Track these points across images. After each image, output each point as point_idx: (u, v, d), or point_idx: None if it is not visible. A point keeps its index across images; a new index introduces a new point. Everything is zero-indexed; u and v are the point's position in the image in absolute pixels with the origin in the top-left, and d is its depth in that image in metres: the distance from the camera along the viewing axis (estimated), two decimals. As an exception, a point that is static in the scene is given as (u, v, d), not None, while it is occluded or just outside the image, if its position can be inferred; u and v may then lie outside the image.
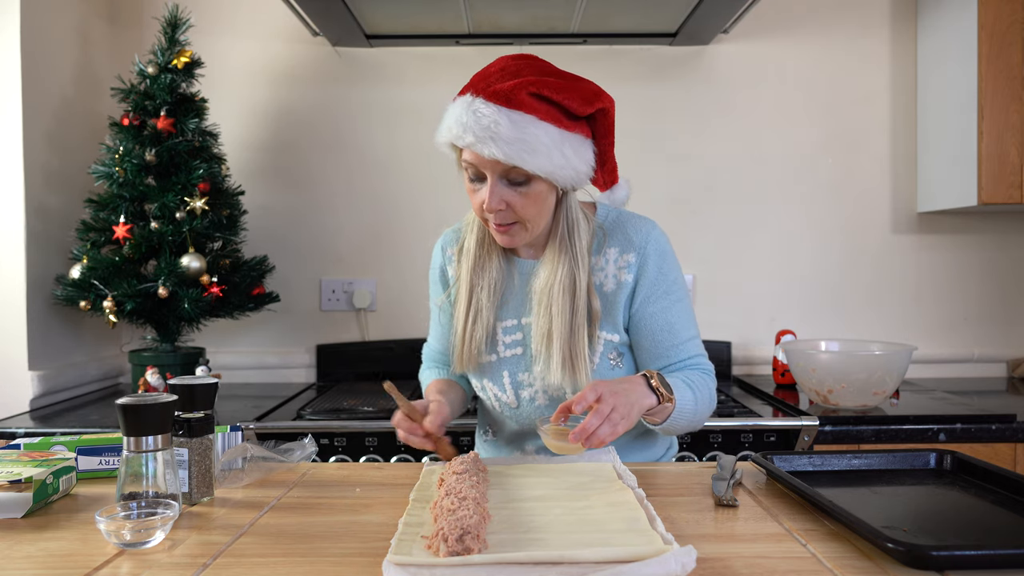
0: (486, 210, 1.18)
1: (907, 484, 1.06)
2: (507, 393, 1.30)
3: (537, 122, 1.13)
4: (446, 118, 1.18)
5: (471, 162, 1.16)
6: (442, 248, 1.39)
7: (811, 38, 2.43)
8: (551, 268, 1.23)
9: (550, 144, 1.13)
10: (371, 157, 2.43)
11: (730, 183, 2.44)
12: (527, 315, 1.28)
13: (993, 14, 2.08)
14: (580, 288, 1.22)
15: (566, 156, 1.15)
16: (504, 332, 1.29)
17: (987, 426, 1.79)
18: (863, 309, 2.46)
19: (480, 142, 1.11)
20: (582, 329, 1.22)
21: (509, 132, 1.11)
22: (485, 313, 1.27)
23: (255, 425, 1.75)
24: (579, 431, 1.03)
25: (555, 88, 1.14)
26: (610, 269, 1.26)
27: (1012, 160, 2.09)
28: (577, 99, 1.15)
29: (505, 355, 1.29)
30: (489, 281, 1.28)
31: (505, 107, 1.12)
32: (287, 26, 2.38)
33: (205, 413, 1.03)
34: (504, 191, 1.16)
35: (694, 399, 1.20)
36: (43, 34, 2.03)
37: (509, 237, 1.21)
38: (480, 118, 1.12)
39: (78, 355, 2.19)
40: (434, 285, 1.40)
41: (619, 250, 1.26)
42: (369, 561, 0.79)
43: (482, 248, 1.29)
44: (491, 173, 1.15)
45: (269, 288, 2.27)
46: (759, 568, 0.77)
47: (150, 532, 0.83)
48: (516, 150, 1.11)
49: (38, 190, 2.01)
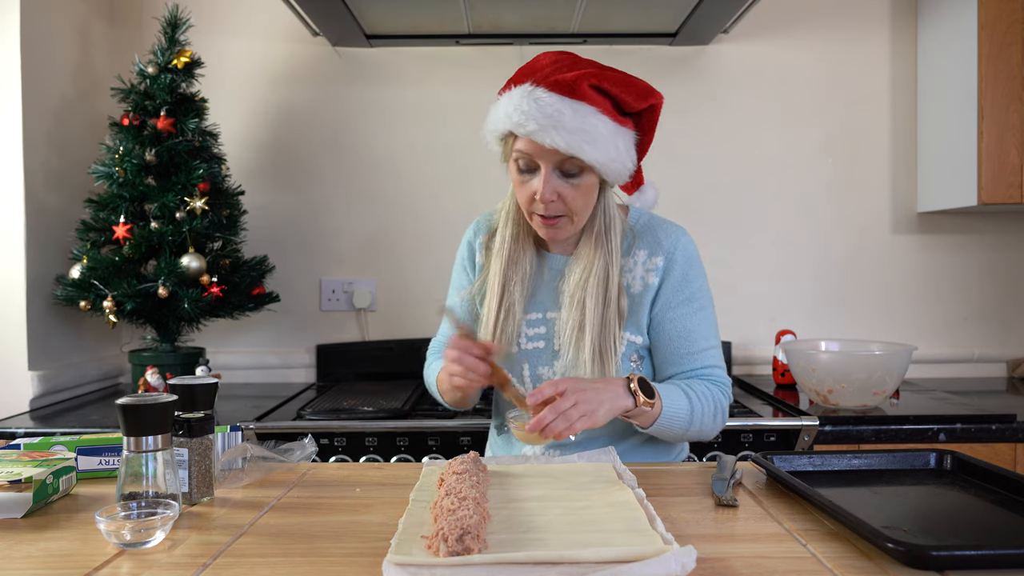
0: (541, 200, 1.17)
1: (907, 484, 1.06)
2: (525, 386, 1.30)
3: (597, 113, 1.14)
4: (499, 107, 1.18)
5: (526, 152, 1.16)
6: (475, 232, 1.39)
7: (811, 38, 2.43)
8: (586, 263, 1.24)
9: (607, 136, 1.15)
10: (371, 157, 2.43)
11: (730, 183, 2.44)
12: (552, 309, 1.28)
13: (993, 14, 2.08)
14: (612, 284, 1.23)
15: (619, 150, 1.17)
16: (528, 325, 1.30)
17: (987, 426, 1.79)
18: (863, 309, 2.46)
19: (543, 130, 1.11)
20: (613, 324, 1.22)
21: (572, 121, 1.12)
22: (517, 307, 1.27)
23: (255, 425, 1.75)
24: (534, 423, 1.06)
25: (613, 81, 1.16)
26: (638, 271, 1.27)
27: (1012, 160, 2.09)
28: (633, 94, 1.17)
29: (527, 347, 1.30)
30: (522, 276, 1.28)
31: (568, 97, 1.13)
32: (287, 26, 2.38)
33: (205, 413, 1.03)
34: (557, 182, 1.17)
35: (689, 408, 1.19)
36: (43, 34, 2.03)
37: (555, 230, 1.21)
38: (543, 106, 1.12)
39: (78, 355, 2.19)
40: (461, 271, 1.40)
41: (648, 252, 1.27)
42: (369, 561, 0.79)
43: (516, 242, 1.29)
44: (546, 163, 1.15)
45: (269, 288, 2.27)
46: (759, 568, 0.77)
47: (150, 532, 0.83)
48: (577, 140, 1.12)
49: (38, 190, 2.01)
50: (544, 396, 1.08)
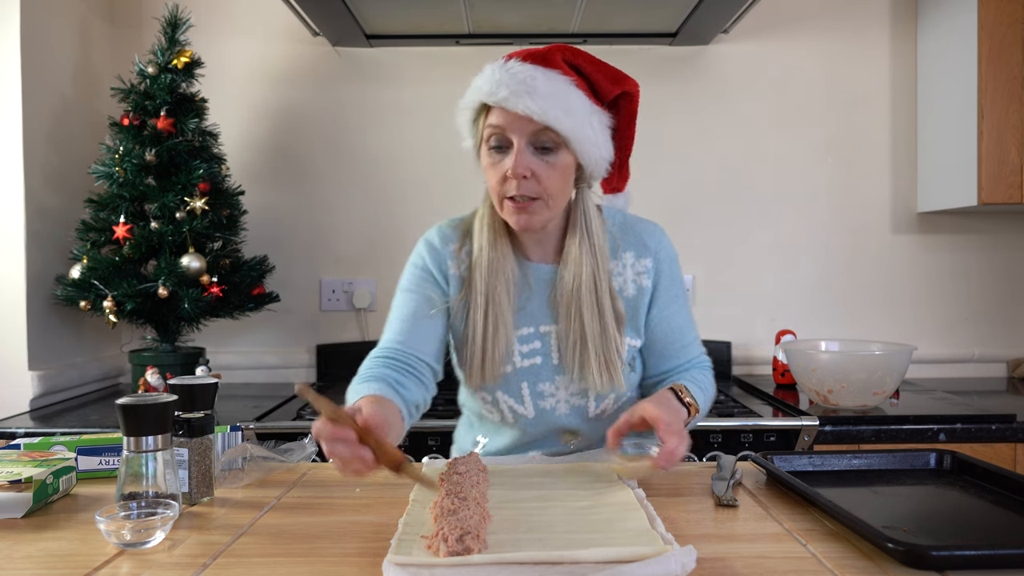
0: (513, 175, 1.10)
1: (907, 484, 1.06)
2: (525, 405, 1.24)
3: (572, 85, 1.11)
4: (472, 85, 1.14)
5: (499, 125, 1.11)
6: (442, 241, 1.26)
7: (811, 38, 2.43)
8: (575, 270, 1.19)
9: (582, 111, 1.11)
10: (371, 157, 2.43)
11: (730, 183, 2.44)
12: (546, 323, 1.22)
13: (993, 14, 2.08)
14: (604, 289, 1.19)
15: (595, 130, 1.13)
16: (520, 341, 1.23)
17: (987, 426, 1.79)
18: (863, 309, 2.45)
19: (515, 96, 1.08)
20: (613, 329, 1.19)
21: (545, 87, 1.08)
22: (506, 320, 1.20)
23: (255, 425, 1.75)
24: (667, 456, 0.99)
25: (587, 59, 1.14)
26: (628, 274, 1.24)
27: (1012, 160, 2.09)
28: (606, 76, 1.15)
29: (523, 365, 1.23)
30: (506, 286, 1.20)
31: (542, 66, 1.11)
32: (287, 26, 2.38)
33: (205, 413, 1.03)
34: (530, 159, 1.11)
35: (705, 400, 1.22)
36: (43, 34, 2.03)
37: (528, 216, 1.13)
38: (515, 73, 1.09)
39: (78, 355, 2.19)
40: (420, 287, 1.24)
41: (635, 254, 1.24)
42: (369, 561, 0.79)
43: (496, 250, 1.21)
44: (519, 136, 1.10)
45: (269, 288, 2.27)
46: (759, 568, 0.77)
47: (150, 532, 0.83)
48: (552, 106, 1.08)
49: (38, 190, 2.01)
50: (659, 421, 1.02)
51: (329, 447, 0.89)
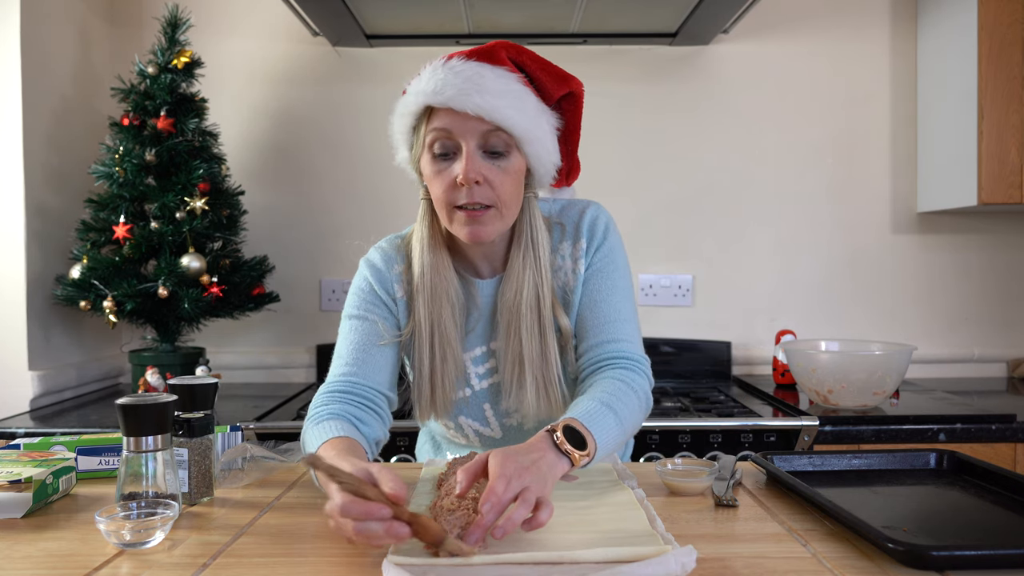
0: (464, 180, 1.02)
1: (907, 484, 1.06)
2: (491, 426, 1.20)
3: (520, 84, 1.05)
4: (410, 90, 1.07)
5: (445, 128, 1.04)
6: (385, 263, 1.19)
7: (811, 38, 2.43)
8: (516, 286, 1.11)
9: (533, 111, 1.05)
10: (371, 157, 2.43)
11: (730, 183, 2.44)
12: (495, 339, 1.15)
13: (993, 14, 2.08)
14: (546, 303, 1.11)
15: (545, 132, 1.07)
16: (474, 363, 1.17)
17: (987, 426, 1.79)
18: (863, 309, 2.45)
19: (463, 94, 1.01)
20: (553, 351, 1.11)
21: (494, 84, 1.02)
22: (454, 347, 1.12)
23: (255, 425, 1.75)
24: (499, 529, 0.79)
25: (532, 58, 1.09)
26: (568, 264, 1.16)
27: (1012, 160, 2.09)
28: (550, 76, 1.09)
29: (482, 387, 1.18)
30: (451, 310, 1.13)
31: (488, 63, 1.05)
32: (287, 26, 2.38)
33: (205, 413, 1.03)
34: (481, 163, 1.04)
35: (618, 422, 1.00)
36: (43, 34, 2.03)
37: (480, 226, 1.05)
38: (460, 71, 1.03)
39: (78, 355, 2.19)
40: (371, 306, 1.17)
41: (571, 242, 1.16)
42: (369, 561, 0.79)
43: (437, 273, 1.13)
44: (469, 138, 1.03)
45: (269, 288, 2.27)
46: (759, 568, 0.77)
47: (150, 532, 0.83)
48: (503, 105, 1.01)
49: (38, 190, 2.01)
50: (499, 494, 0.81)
51: (361, 527, 0.75)
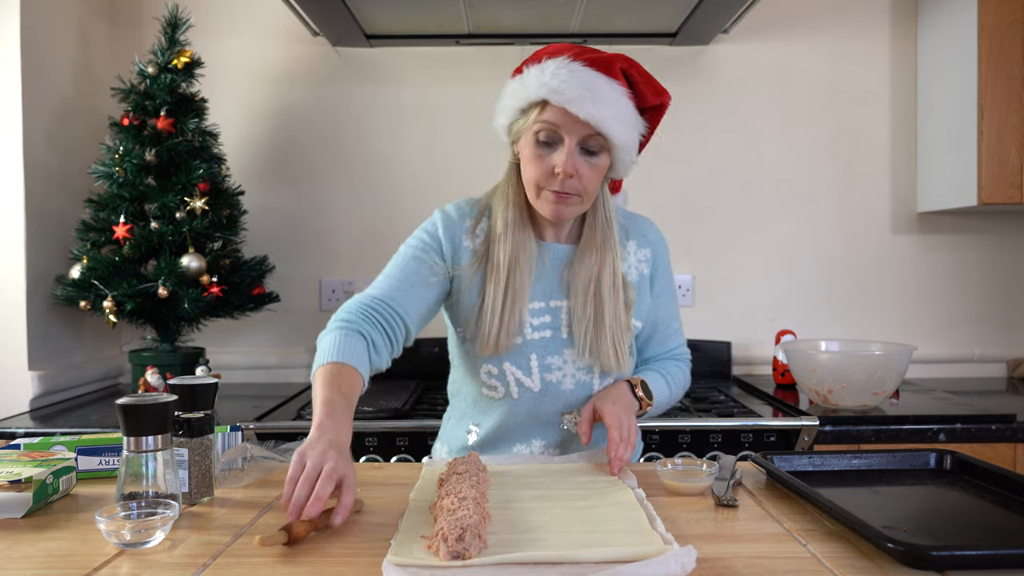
0: (563, 173, 1.16)
1: (907, 484, 1.06)
2: (532, 377, 1.28)
3: (625, 96, 1.17)
4: (528, 79, 1.17)
5: (553, 123, 1.16)
6: (458, 215, 1.30)
7: (811, 38, 2.43)
8: (596, 257, 1.26)
9: (631, 121, 1.18)
10: (371, 157, 2.43)
11: (730, 183, 2.44)
12: (556, 298, 1.28)
13: (993, 14, 2.08)
14: (619, 276, 1.28)
15: (634, 140, 1.20)
16: (532, 314, 1.27)
17: (987, 426, 1.79)
18: (863, 309, 2.45)
19: (580, 100, 1.12)
20: (623, 316, 1.28)
21: (607, 96, 1.14)
22: (523, 295, 1.25)
23: (255, 425, 1.75)
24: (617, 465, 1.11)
25: (639, 71, 1.21)
26: (631, 261, 1.33)
27: (1012, 160, 2.09)
28: (651, 89, 1.21)
29: (532, 337, 1.27)
30: (528, 262, 1.26)
31: (604, 73, 1.16)
32: (287, 26, 2.38)
33: (205, 413, 1.03)
34: (578, 159, 1.17)
35: (668, 390, 1.34)
36: (43, 34, 2.03)
37: (566, 207, 1.20)
38: (581, 77, 1.14)
39: (78, 355, 2.19)
40: (428, 248, 1.29)
41: (637, 244, 1.34)
42: (369, 561, 0.79)
43: (519, 228, 1.26)
44: (571, 137, 1.16)
45: (269, 288, 2.27)
46: (759, 568, 0.77)
47: (150, 532, 0.83)
48: (609, 115, 1.14)
49: (38, 190, 2.01)
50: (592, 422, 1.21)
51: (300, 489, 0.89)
